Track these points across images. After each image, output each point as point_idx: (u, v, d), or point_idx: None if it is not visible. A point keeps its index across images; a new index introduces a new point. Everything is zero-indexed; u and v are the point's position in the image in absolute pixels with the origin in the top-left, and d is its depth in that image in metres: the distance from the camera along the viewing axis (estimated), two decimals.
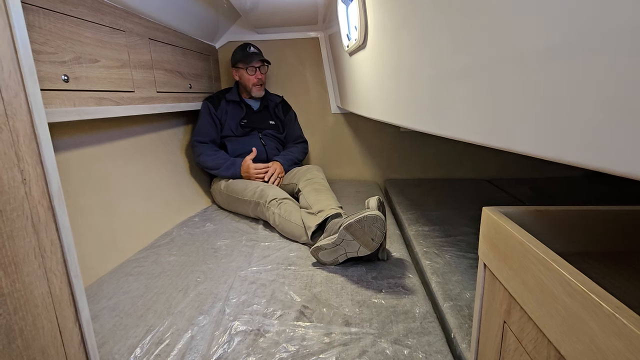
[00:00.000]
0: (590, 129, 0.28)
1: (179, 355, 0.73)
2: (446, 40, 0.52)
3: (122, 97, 1.18)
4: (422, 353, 0.73)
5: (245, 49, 1.77)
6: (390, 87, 0.88)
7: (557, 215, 0.48)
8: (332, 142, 2.25)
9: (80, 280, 0.55)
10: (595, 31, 0.26)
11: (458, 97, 0.51)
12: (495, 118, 0.42)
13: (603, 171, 0.27)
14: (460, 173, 2.21)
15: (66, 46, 0.94)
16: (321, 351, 0.74)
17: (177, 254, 1.19)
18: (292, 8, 1.69)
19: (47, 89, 0.88)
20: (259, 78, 1.77)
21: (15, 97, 0.45)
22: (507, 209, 0.48)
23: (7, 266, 0.44)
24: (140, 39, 1.29)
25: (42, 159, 0.49)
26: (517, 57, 0.36)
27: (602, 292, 0.29)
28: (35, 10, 0.85)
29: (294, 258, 1.16)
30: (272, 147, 1.83)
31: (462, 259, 1.08)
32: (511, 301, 0.43)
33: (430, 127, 0.64)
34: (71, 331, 0.54)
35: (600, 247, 0.48)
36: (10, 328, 0.45)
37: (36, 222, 0.48)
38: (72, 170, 1.10)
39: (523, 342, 0.41)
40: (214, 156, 1.69)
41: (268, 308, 0.89)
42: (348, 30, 1.36)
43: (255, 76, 1.76)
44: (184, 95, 1.66)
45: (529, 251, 0.38)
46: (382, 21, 0.84)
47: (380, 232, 1.00)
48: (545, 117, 0.33)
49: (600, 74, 0.26)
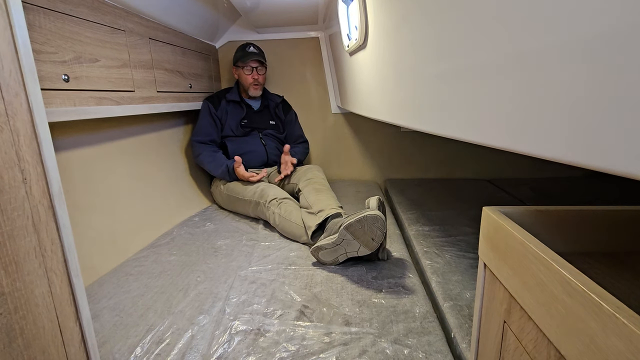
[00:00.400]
0: (591, 129, 0.28)
1: (179, 354, 0.73)
2: (447, 39, 0.52)
3: (123, 96, 1.18)
4: (422, 353, 0.73)
5: (244, 49, 1.77)
6: (391, 87, 0.88)
7: (557, 215, 0.48)
8: (332, 142, 2.25)
9: (81, 279, 0.55)
10: (595, 31, 0.26)
11: (458, 97, 0.51)
12: (496, 118, 0.42)
13: (603, 171, 0.27)
14: (461, 173, 2.21)
15: (66, 46, 0.94)
16: (321, 351, 0.74)
17: (178, 254, 1.19)
18: (292, 8, 1.69)
19: (47, 88, 0.88)
20: (255, 78, 1.76)
21: (15, 97, 0.45)
22: (507, 209, 0.48)
23: (7, 265, 0.44)
24: (140, 38, 1.29)
25: (42, 159, 0.49)
26: (517, 57, 0.36)
27: (602, 291, 0.29)
28: (35, 9, 0.85)
29: (294, 258, 1.16)
30: (272, 147, 1.83)
31: (462, 259, 1.08)
32: (511, 301, 0.43)
33: (431, 126, 0.64)
34: (72, 330, 0.55)
35: (600, 247, 0.48)
36: (11, 327, 0.45)
37: (37, 222, 0.48)
38: (73, 169, 1.10)
39: (523, 341, 0.41)
40: (211, 158, 1.68)
41: (268, 308, 0.89)
42: (348, 30, 1.36)
43: (252, 76, 1.76)
44: (184, 95, 1.66)
45: (529, 251, 0.38)
46: (382, 21, 0.84)
47: (380, 232, 1.00)
48: (546, 117, 0.33)
49: (601, 74, 0.26)
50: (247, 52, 1.76)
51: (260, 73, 1.77)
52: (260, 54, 1.78)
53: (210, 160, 1.67)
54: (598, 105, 0.27)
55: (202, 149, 1.70)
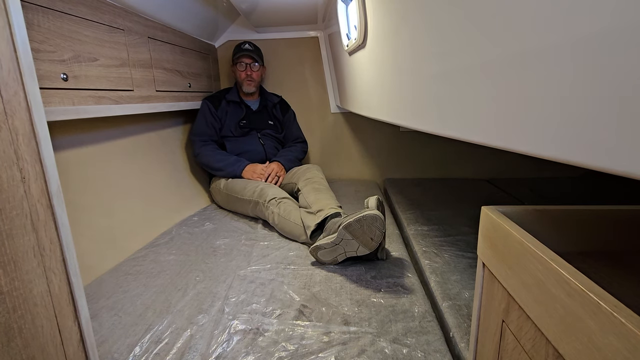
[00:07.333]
0: (590, 129, 0.28)
1: (178, 354, 0.73)
2: (446, 39, 0.52)
3: (122, 96, 1.18)
4: (421, 352, 0.73)
5: (240, 46, 1.80)
6: (390, 87, 0.88)
7: (556, 215, 0.48)
8: (331, 141, 2.25)
9: (80, 278, 0.55)
10: (595, 30, 0.26)
11: (457, 97, 0.51)
12: (496, 118, 0.42)
13: (603, 171, 0.28)
14: (460, 173, 2.21)
15: (65, 45, 0.94)
16: (320, 350, 0.74)
17: (177, 253, 1.19)
18: (291, 7, 1.69)
19: (46, 87, 0.88)
20: (248, 74, 1.78)
21: (14, 96, 0.45)
22: (506, 209, 0.49)
23: (6, 264, 0.44)
24: (139, 37, 1.28)
25: (41, 158, 0.49)
26: (517, 57, 0.36)
27: (601, 291, 0.29)
28: (34, 8, 0.85)
29: (293, 257, 1.16)
30: (270, 147, 1.83)
31: (461, 259, 1.08)
32: (510, 300, 0.43)
33: (430, 126, 0.64)
34: (70, 330, 0.54)
35: (599, 247, 0.49)
36: (10, 327, 0.45)
37: (35, 221, 0.48)
38: (72, 168, 1.10)
39: (521, 341, 0.41)
40: (215, 152, 1.70)
41: (267, 307, 0.89)
42: (348, 29, 1.36)
43: (245, 72, 1.77)
44: (183, 95, 1.66)
45: (527, 250, 0.38)
46: (381, 20, 0.84)
47: (379, 232, 1.00)
48: (546, 117, 0.33)
49: (601, 74, 0.26)
50: (242, 49, 1.78)
51: (253, 69, 1.78)
52: (254, 51, 1.80)
53: (213, 155, 1.68)
54: (598, 105, 0.27)
55: (204, 146, 1.70)
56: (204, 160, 1.70)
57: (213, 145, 1.73)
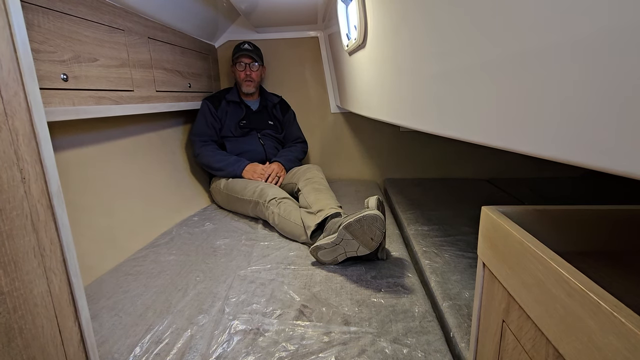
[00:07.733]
0: (590, 129, 0.28)
1: (178, 354, 0.73)
2: (446, 39, 0.52)
3: (122, 96, 1.18)
4: (421, 352, 0.73)
5: (239, 46, 1.80)
6: (390, 87, 0.88)
7: (557, 215, 0.48)
8: (331, 141, 2.25)
9: (80, 279, 0.55)
10: (596, 30, 0.26)
11: (457, 97, 0.51)
12: (496, 118, 0.42)
13: (603, 171, 0.28)
14: (460, 173, 2.21)
15: (65, 45, 0.94)
16: (320, 350, 0.74)
17: (177, 253, 1.19)
18: (291, 7, 1.69)
19: (46, 87, 0.88)
20: (248, 74, 1.78)
21: (14, 96, 0.45)
22: (506, 208, 0.49)
23: (6, 265, 0.44)
24: (139, 38, 1.28)
25: (41, 158, 0.49)
26: (517, 57, 0.36)
27: (601, 291, 0.29)
28: (34, 9, 0.85)
29: (293, 257, 1.16)
30: (270, 147, 1.83)
31: (461, 259, 1.08)
32: (510, 300, 0.43)
33: (430, 126, 0.64)
34: (70, 330, 0.54)
35: (599, 247, 0.49)
36: (10, 327, 0.45)
37: (35, 221, 0.48)
38: (72, 169, 1.10)
39: (522, 341, 0.41)
40: (215, 152, 1.70)
41: (267, 307, 0.89)
42: (348, 29, 1.36)
43: (244, 72, 1.77)
44: (183, 95, 1.66)
45: (527, 250, 0.38)
46: (381, 20, 0.84)
47: (379, 232, 1.00)
48: (546, 117, 0.33)
49: (601, 74, 0.26)
50: (241, 48, 1.79)
51: (252, 69, 1.78)
52: (253, 50, 1.80)
53: (214, 154, 1.68)
54: (598, 105, 0.27)
55: (205, 146, 1.70)
56: (204, 161, 1.70)
57: (213, 145, 1.73)
